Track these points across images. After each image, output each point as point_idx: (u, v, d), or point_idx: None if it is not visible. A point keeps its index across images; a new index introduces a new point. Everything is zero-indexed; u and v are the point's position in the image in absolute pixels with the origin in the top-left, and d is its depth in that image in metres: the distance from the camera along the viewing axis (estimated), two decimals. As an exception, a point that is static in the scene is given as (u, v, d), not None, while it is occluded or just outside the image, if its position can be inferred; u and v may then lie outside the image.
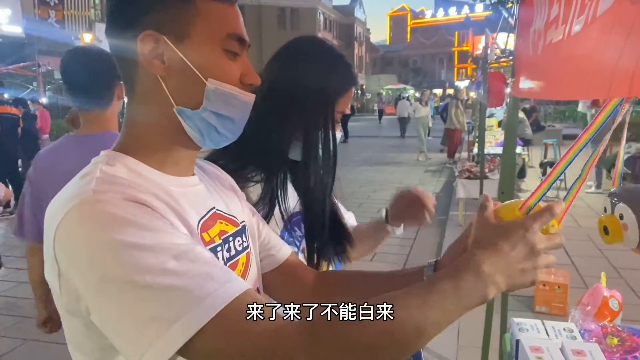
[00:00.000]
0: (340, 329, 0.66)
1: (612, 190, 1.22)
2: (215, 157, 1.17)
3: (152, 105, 0.81)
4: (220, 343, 0.67)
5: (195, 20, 0.79)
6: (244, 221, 1.01)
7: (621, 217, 1.17)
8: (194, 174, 0.92)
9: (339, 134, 1.25)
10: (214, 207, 0.92)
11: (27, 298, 4.82)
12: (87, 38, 18.11)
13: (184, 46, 0.79)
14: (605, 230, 1.19)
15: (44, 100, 12.31)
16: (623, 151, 1.21)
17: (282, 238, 1.19)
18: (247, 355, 0.67)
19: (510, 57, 2.94)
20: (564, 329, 1.60)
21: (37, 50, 15.91)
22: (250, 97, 0.85)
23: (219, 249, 0.89)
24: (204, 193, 0.92)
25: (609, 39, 0.98)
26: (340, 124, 1.28)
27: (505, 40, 5.19)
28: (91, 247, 0.69)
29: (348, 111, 1.29)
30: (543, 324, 1.65)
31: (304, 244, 1.27)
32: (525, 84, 2.26)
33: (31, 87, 13.08)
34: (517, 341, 1.48)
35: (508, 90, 3.56)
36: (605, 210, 1.22)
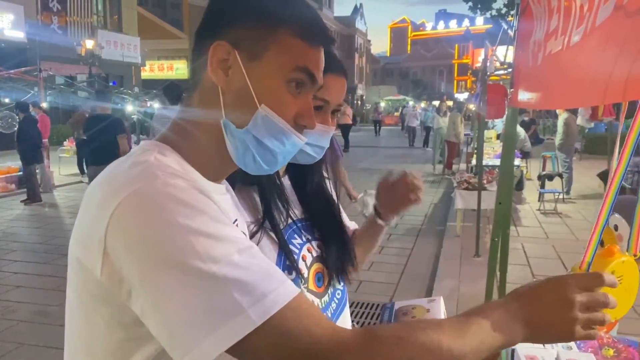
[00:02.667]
0: (397, 337, 0.70)
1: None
2: None
3: (206, 111, 0.83)
4: (279, 340, 0.67)
5: (270, 47, 0.80)
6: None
7: (615, 228, 1.18)
8: (223, 183, 0.94)
9: (330, 130, 1.17)
10: (236, 220, 0.94)
11: (22, 302, 4.81)
12: (89, 44, 18.16)
13: (251, 67, 0.80)
14: (600, 242, 1.20)
15: (44, 105, 12.31)
16: (616, 163, 1.21)
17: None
18: (305, 355, 0.67)
19: (510, 70, 2.95)
20: (560, 339, 1.60)
21: (39, 56, 15.94)
22: (299, 139, 0.84)
23: None
24: (230, 203, 0.94)
25: (606, 48, 0.99)
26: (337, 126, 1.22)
27: (504, 53, 5.21)
28: (158, 229, 0.67)
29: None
30: (539, 334, 1.64)
31: (303, 251, 1.20)
32: (524, 94, 2.27)
33: (32, 91, 13.08)
34: (513, 350, 1.48)
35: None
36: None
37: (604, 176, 7.77)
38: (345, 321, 1.25)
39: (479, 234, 6.09)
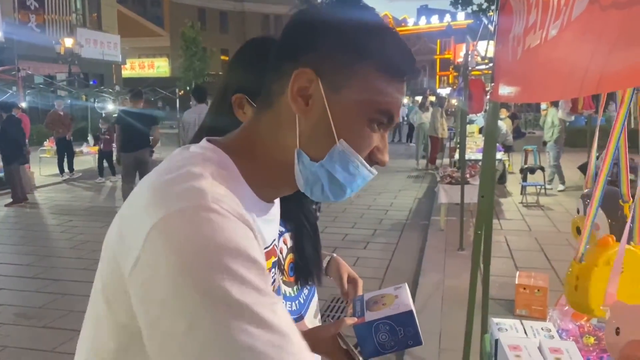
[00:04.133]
0: None
1: (584, 192, 1.25)
2: None
3: (279, 133, 0.79)
4: None
5: (355, 80, 0.76)
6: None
7: (593, 217, 1.20)
8: (276, 202, 0.90)
9: None
10: (275, 239, 0.93)
11: (4, 304, 4.75)
12: (68, 43, 17.93)
13: (333, 98, 0.76)
14: (578, 231, 1.22)
15: (23, 104, 12.13)
16: (595, 154, 1.24)
17: None
18: None
19: (491, 64, 2.98)
20: (542, 329, 1.63)
21: (16, 55, 15.69)
22: (372, 174, 0.82)
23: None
24: (276, 223, 0.92)
25: (582, 41, 1.01)
26: None
27: (485, 48, 5.26)
28: (191, 266, 0.61)
29: None
30: (522, 323, 1.67)
31: (281, 244, 1.20)
32: (504, 89, 2.30)
33: (10, 91, 12.88)
34: (496, 341, 1.50)
35: (488, 96, 3.61)
36: (578, 211, 1.25)
37: (584, 169, 7.88)
38: (314, 306, 1.30)
39: (462, 228, 6.15)
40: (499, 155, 9.08)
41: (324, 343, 1.08)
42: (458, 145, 8.03)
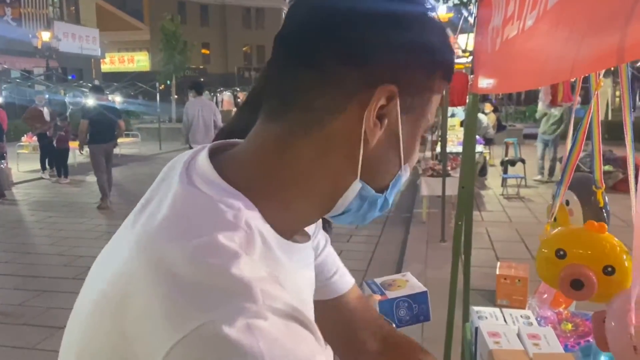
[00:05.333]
0: None
1: (560, 178, 1.27)
2: None
3: (329, 160, 0.62)
4: None
5: (429, 94, 0.64)
6: None
7: (567, 203, 1.22)
8: (307, 238, 0.73)
9: None
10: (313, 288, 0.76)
11: (-17, 302, 4.67)
12: (45, 36, 17.64)
13: (405, 120, 0.63)
14: (553, 217, 1.24)
15: (-1, 99, 11.93)
16: (570, 144, 1.26)
17: None
18: None
19: (472, 58, 3.00)
20: (521, 316, 1.65)
21: (-8, 49, 15.44)
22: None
23: None
24: (310, 267, 0.75)
25: (557, 30, 1.02)
26: None
27: (465, 41, 5.30)
28: None
29: None
30: (502, 311, 1.69)
31: None
32: (483, 80, 2.32)
33: (-14, 86, 12.67)
34: (477, 328, 1.52)
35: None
36: (553, 197, 1.27)
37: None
38: None
39: (444, 220, 6.20)
40: (480, 148, 9.16)
41: None
42: (439, 139, 8.08)
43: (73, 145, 10.96)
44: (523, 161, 9.40)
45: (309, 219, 0.68)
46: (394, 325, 1.22)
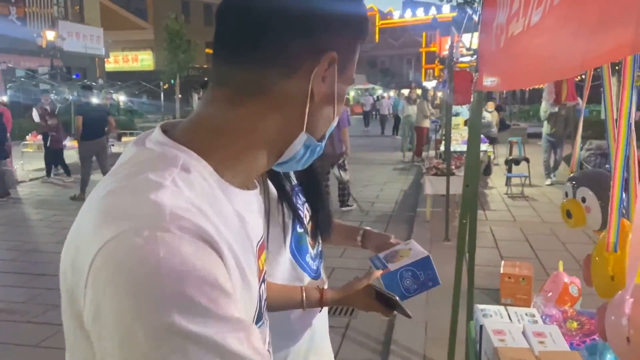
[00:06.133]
0: None
1: (571, 175, 1.26)
2: None
3: (279, 117, 0.74)
4: None
5: (353, 59, 0.78)
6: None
7: (583, 200, 1.20)
8: (255, 188, 0.83)
9: None
10: (262, 234, 0.85)
11: (-12, 300, 4.69)
12: (50, 35, 17.68)
13: (340, 79, 0.76)
14: (568, 215, 1.23)
15: (4, 98, 11.94)
16: (580, 140, 1.24)
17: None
18: None
19: (476, 56, 2.99)
20: (526, 314, 1.64)
21: (-4, 48, 15.48)
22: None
23: (265, 276, 0.86)
24: (259, 213, 0.84)
25: (564, 25, 1.01)
26: None
27: (470, 40, 5.28)
28: (140, 293, 0.55)
29: None
30: (506, 309, 1.69)
31: (305, 211, 1.39)
32: (488, 78, 2.31)
33: (-9, 85, 12.69)
34: (481, 326, 1.51)
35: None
36: (566, 195, 1.26)
37: (569, 160, 7.97)
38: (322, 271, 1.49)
39: (448, 219, 6.18)
40: (484, 146, 9.14)
41: (360, 295, 1.30)
42: (443, 138, 8.06)
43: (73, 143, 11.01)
44: (527, 160, 9.36)
45: (259, 167, 0.78)
46: (397, 298, 1.23)
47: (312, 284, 1.36)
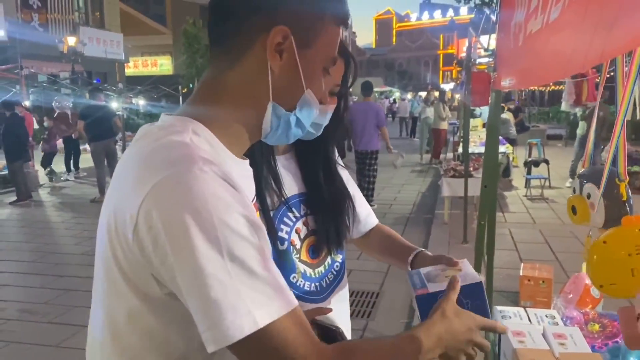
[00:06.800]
0: (371, 355, 0.81)
1: (581, 171, 1.24)
2: None
3: (247, 89, 0.84)
4: (271, 347, 0.72)
5: (320, 34, 0.84)
6: None
7: (588, 196, 1.18)
8: (246, 159, 0.96)
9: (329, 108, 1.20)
10: (253, 198, 0.97)
11: (9, 301, 4.76)
12: (71, 41, 17.95)
13: (303, 54, 0.83)
14: (574, 210, 1.20)
15: (27, 103, 12.14)
16: (593, 135, 1.22)
17: (276, 218, 1.22)
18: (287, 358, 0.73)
19: (493, 57, 2.96)
20: (546, 316, 1.61)
21: (19, 54, 15.73)
22: (327, 118, 0.93)
23: None
24: (251, 180, 0.97)
25: (584, 19, 0.99)
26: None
27: (488, 41, 5.23)
28: (192, 216, 0.69)
29: None
30: (526, 311, 1.66)
31: (298, 225, 1.28)
32: (506, 77, 2.29)
33: (14, 90, 12.90)
34: (500, 327, 1.48)
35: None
36: (574, 190, 1.23)
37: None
38: (342, 293, 1.34)
39: (466, 221, 6.12)
40: (503, 148, 9.04)
41: None
42: (461, 140, 7.99)
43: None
44: (547, 162, 9.24)
45: (247, 140, 0.89)
46: (344, 333, 1.12)
47: (304, 307, 1.19)
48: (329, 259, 1.31)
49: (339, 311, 1.28)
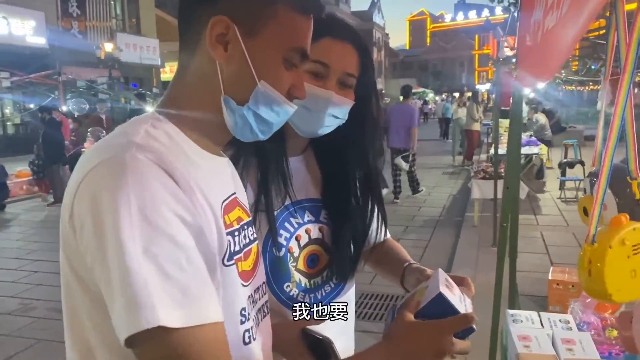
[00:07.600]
0: None
1: (591, 170, 1.18)
2: None
3: (203, 83, 0.82)
4: (181, 353, 0.68)
5: (269, 22, 0.80)
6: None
7: (601, 197, 1.13)
8: (224, 157, 0.94)
9: (344, 101, 1.15)
10: (234, 193, 0.93)
11: (41, 299, 4.90)
12: (108, 47, 18.40)
13: (250, 42, 0.80)
14: (585, 212, 1.15)
15: (64, 108, 12.52)
16: (602, 133, 1.18)
17: (277, 219, 1.17)
18: None
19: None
20: (560, 320, 1.56)
21: (59, 61, 16.22)
22: (292, 109, 0.87)
23: (236, 233, 0.89)
24: (229, 177, 0.94)
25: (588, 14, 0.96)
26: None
27: (515, 40, 5.13)
28: (113, 206, 0.67)
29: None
30: (539, 315, 1.61)
31: (299, 231, 1.21)
32: (527, 74, 2.24)
33: (53, 95, 13.32)
34: (508, 332, 1.44)
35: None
36: (585, 191, 1.18)
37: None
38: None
39: (496, 223, 5.99)
40: (536, 149, 8.83)
41: (284, 342, 1.07)
42: (493, 141, 7.84)
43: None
44: (582, 163, 8.98)
45: (219, 135, 0.87)
46: (332, 343, 1.04)
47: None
48: (327, 270, 1.24)
49: (335, 323, 1.14)
